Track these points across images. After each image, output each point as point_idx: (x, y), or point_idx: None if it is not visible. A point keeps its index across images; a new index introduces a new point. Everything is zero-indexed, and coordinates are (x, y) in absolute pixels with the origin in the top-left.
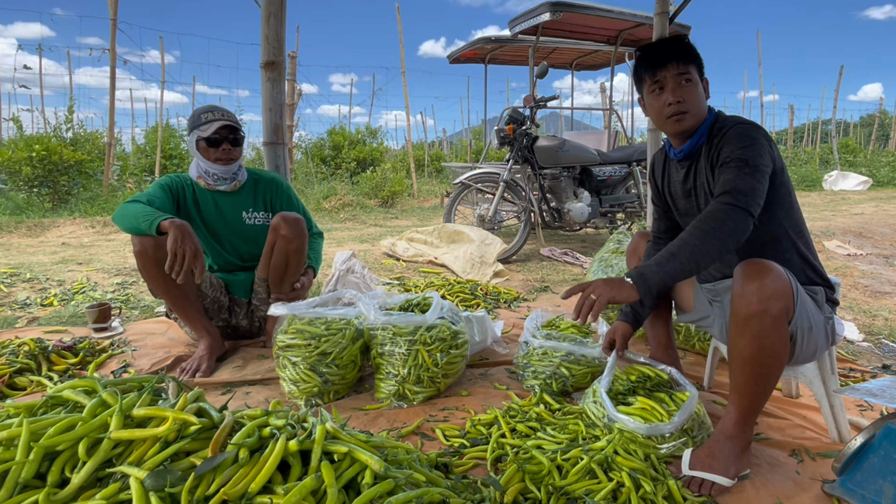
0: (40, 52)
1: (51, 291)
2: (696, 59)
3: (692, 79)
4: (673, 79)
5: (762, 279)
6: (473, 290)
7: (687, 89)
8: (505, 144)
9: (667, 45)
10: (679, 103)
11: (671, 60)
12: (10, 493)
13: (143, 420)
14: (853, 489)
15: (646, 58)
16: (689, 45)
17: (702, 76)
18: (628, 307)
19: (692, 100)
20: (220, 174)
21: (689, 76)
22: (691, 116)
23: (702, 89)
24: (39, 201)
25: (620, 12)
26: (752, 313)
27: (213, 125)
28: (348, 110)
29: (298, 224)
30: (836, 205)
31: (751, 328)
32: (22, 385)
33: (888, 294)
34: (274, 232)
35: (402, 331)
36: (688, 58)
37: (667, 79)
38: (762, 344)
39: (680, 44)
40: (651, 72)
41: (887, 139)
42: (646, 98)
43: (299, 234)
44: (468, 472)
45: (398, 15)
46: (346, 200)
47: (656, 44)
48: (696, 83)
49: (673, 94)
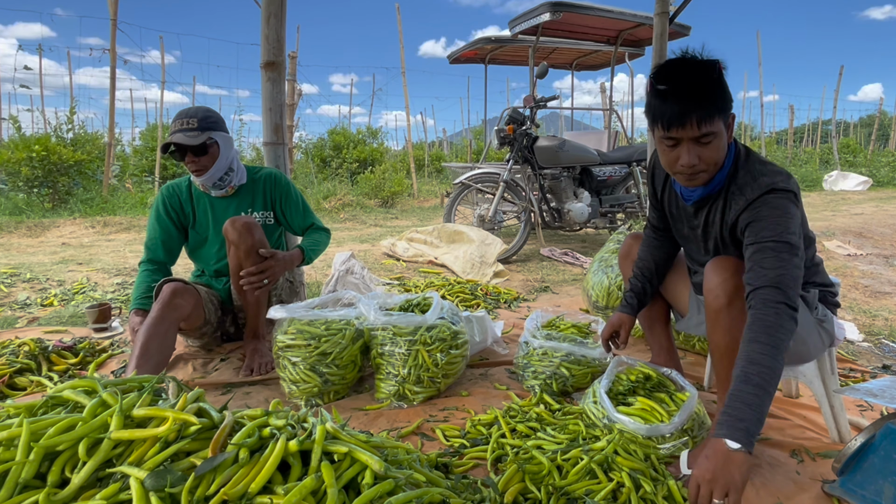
0: (40, 53)
1: (51, 291)
2: (723, 105)
3: (716, 133)
4: (691, 140)
5: (726, 273)
6: (473, 291)
7: (707, 149)
8: (505, 144)
9: (688, 86)
10: (695, 165)
11: (692, 117)
12: (10, 493)
13: (143, 420)
14: (853, 489)
15: (660, 99)
16: (715, 84)
17: (726, 120)
18: (631, 296)
19: (711, 158)
20: (201, 182)
21: (711, 136)
22: (707, 174)
23: (725, 138)
24: (39, 201)
25: (620, 12)
26: (721, 306)
27: (168, 138)
28: (348, 110)
29: (247, 228)
30: (836, 205)
31: (722, 321)
32: (22, 385)
33: (888, 294)
34: (226, 238)
35: (402, 331)
36: (713, 108)
37: (683, 139)
38: (735, 336)
39: (706, 84)
40: (664, 124)
41: (887, 139)
42: (655, 138)
43: (246, 237)
44: (468, 473)
45: (398, 15)
46: (346, 200)
47: (674, 78)
48: (719, 136)
49: (689, 156)
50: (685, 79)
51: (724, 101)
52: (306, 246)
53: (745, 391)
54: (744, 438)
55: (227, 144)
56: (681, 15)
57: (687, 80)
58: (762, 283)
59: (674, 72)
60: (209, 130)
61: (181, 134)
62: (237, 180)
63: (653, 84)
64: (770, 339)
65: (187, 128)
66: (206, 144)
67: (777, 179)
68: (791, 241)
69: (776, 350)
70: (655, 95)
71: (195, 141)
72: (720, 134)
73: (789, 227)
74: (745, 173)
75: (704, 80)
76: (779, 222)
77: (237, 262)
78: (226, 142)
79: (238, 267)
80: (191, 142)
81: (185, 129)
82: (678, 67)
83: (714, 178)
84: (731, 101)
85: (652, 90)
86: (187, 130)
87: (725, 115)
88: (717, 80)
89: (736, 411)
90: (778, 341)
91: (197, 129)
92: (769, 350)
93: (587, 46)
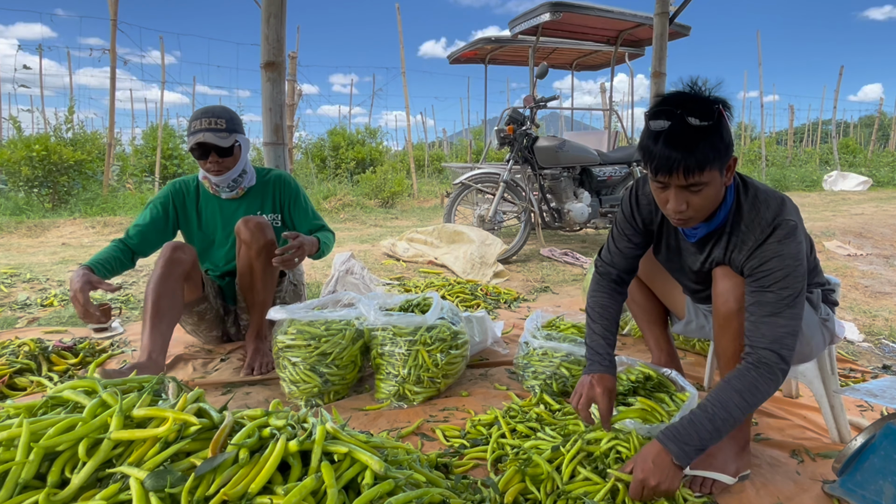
0: (40, 53)
1: (51, 292)
2: (716, 154)
3: (707, 183)
4: (679, 188)
5: (736, 278)
6: (473, 291)
7: (697, 197)
8: (505, 145)
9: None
10: (682, 211)
11: (679, 166)
12: (10, 493)
13: (143, 420)
14: (853, 489)
15: (652, 140)
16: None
17: (722, 168)
18: (604, 348)
19: (701, 206)
20: (217, 182)
21: (701, 186)
22: (697, 219)
23: (720, 185)
24: (39, 202)
25: (620, 12)
26: (731, 311)
27: (193, 138)
28: (348, 110)
29: (260, 228)
30: (836, 205)
31: (731, 326)
32: (22, 385)
33: (888, 294)
34: (237, 238)
35: (402, 331)
36: (704, 159)
37: (671, 185)
38: (743, 341)
39: (699, 132)
40: (652, 168)
41: (887, 139)
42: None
43: (259, 237)
44: (468, 473)
45: (398, 15)
46: (346, 201)
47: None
48: (712, 185)
49: (676, 202)
50: (679, 123)
51: (718, 150)
52: (321, 237)
53: (703, 427)
54: (684, 460)
55: (246, 147)
56: (681, 15)
57: (680, 124)
58: (763, 345)
59: (669, 112)
60: (235, 132)
61: (211, 134)
62: (248, 182)
63: (646, 120)
64: (751, 398)
65: (216, 128)
66: (233, 146)
67: (780, 211)
68: (797, 295)
69: (749, 409)
70: (647, 134)
71: (225, 143)
72: (713, 183)
73: (796, 276)
74: (750, 208)
75: (698, 128)
76: (785, 273)
77: (248, 262)
78: (245, 144)
79: (248, 267)
80: (221, 143)
81: (213, 129)
82: (675, 106)
83: (717, 215)
84: (731, 146)
85: (645, 127)
86: (217, 131)
87: (721, 163)
88: (713, 127)
89: (687, 436)
90: (756, 403)
91: (226, 130)
92: (744, 407)
93: (587, 46)
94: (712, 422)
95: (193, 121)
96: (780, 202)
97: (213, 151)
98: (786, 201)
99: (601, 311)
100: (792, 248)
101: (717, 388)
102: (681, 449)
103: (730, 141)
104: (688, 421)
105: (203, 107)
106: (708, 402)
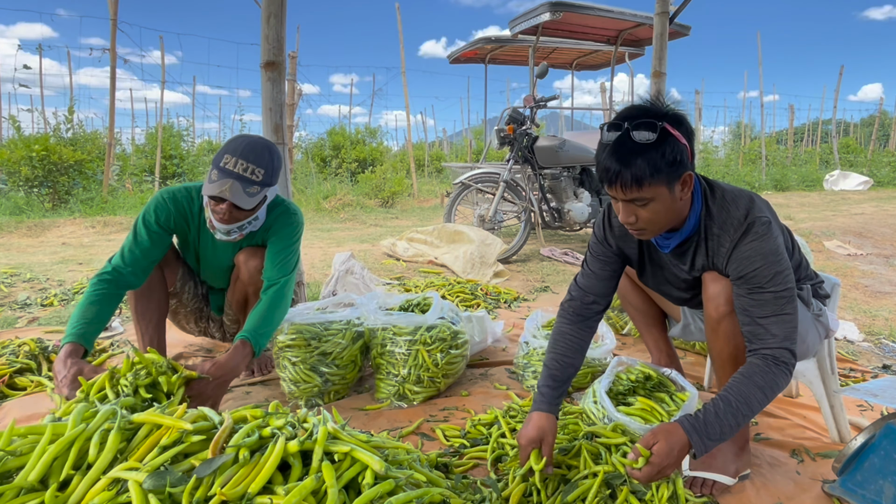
0: (40, 52)
1: (51, 291)
2: (657, 172)
3: (650, 199)
4: (624, 201)
5: (725, 280)
6: (473, 290)
7: (644, 211)
8: (505, 144)
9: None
10: (632, 223)
11: (618, 180)
12: (14, 494)
13: (142, 424)
14: (853, 489)
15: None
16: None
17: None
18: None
19: (650, 220)
20: (218, 227)
21: (644, 201)
22: (653, 232)
23: (671, 200)
24: (39, 201)
25: (620, 12)
26: (722, 314)
27: (215, 186)
28: (348, 110)
29: (259, 271)
30: (836, 205)
31: (723, 329)
32: (22, 385)
33: (888, 294)
34: (237, 265)
35: (403, 331)
36: (643, 175)
37: (617, 198)
38: (737, 343)
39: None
40: (600, 178)
41: (888, 139)
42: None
43: (258, 280)
44: (468, 472)
45: (398, 15)
46: (346, 200)
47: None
48: (658, 201)
49: (624, 213)
50: (623, 137)
51: (657, 167)
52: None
53: (727, 422)
54: (700, 452)
55: (272, 196)
56: (681, 15)
57: (624, 138)
58: (776, 344)
59: (619, 125)
60: (268, 186)
61: (239, 186)
62: (253, 227)
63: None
64: (771, 394)
65: (250, 179)
66: (258, 204)
67: (750, 208)
68: (789, 288)
69: (765, 403)
70: (599, 145)
71: (251, 202)
72: (659, 199)
73: (781, 269)
74: (719, 209)
75: (640, 144)
76: (771, 270)
77: (243, 294)
78: (272, 194)
79: (243, 295)
80: (245, 204)
81: (245, 179)
82: (626, 120)
83: (686, 223)
84: (679, 163)
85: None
86: (248, 183)
87: (667, 180)
88: (653, 144)
89: (713, 430)
90: (771, 399)
91: (259, 184)
92: (763, 403)
93: (587, 46)
94: (735, 417)
95: (227, 153)
96: (748, 200)
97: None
98: (754, 198)
99: (557, 338)
100: (770, 245)
101: (738, 383)
102: (703, 442)
103: (677, 157)
104: (713, 415)
105: (246, 138)
106: (731, 396)
